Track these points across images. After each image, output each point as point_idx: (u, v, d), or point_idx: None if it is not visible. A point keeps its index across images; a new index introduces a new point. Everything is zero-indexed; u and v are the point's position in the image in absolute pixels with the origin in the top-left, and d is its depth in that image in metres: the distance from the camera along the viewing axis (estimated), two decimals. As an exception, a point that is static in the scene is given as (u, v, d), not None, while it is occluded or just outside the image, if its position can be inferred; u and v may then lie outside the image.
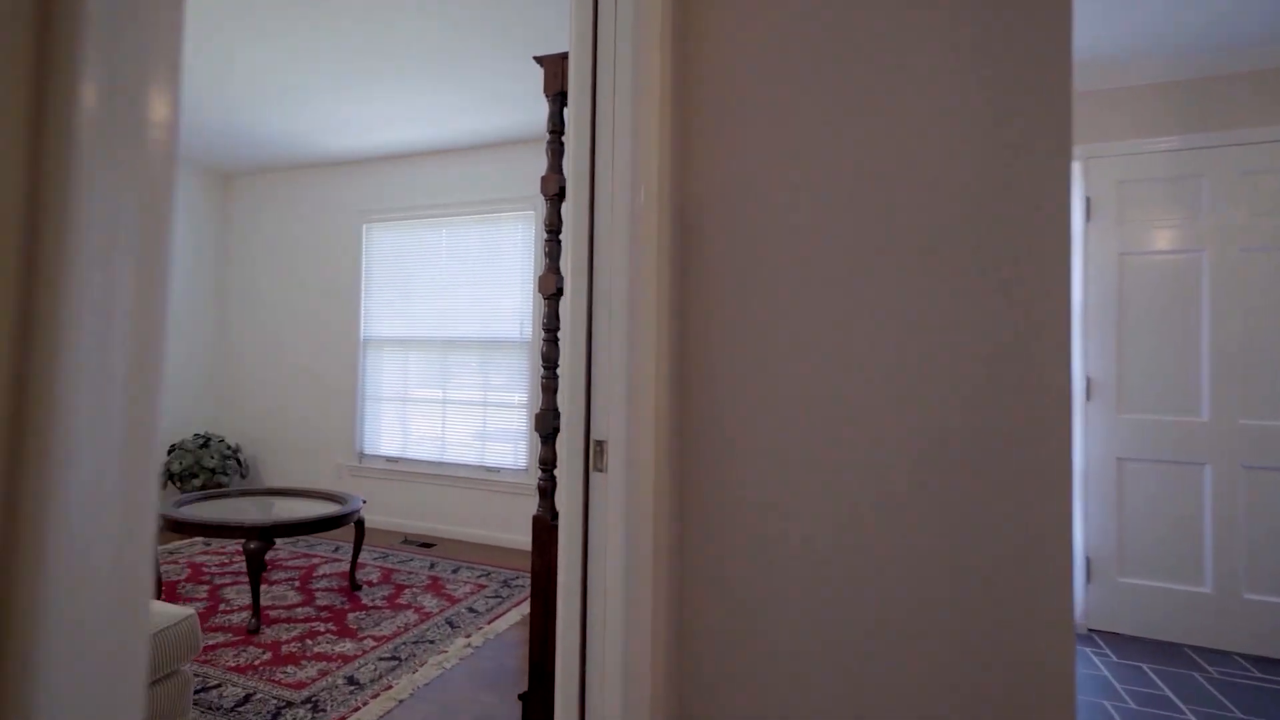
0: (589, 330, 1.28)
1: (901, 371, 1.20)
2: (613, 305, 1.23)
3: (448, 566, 3.61)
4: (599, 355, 1.24)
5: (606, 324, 1.24)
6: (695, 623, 1.34)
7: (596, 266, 1.27)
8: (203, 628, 2.70)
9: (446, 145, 4.16)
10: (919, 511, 1.18)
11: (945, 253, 1.18)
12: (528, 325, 4.05)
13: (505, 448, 4.12)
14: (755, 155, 1.33)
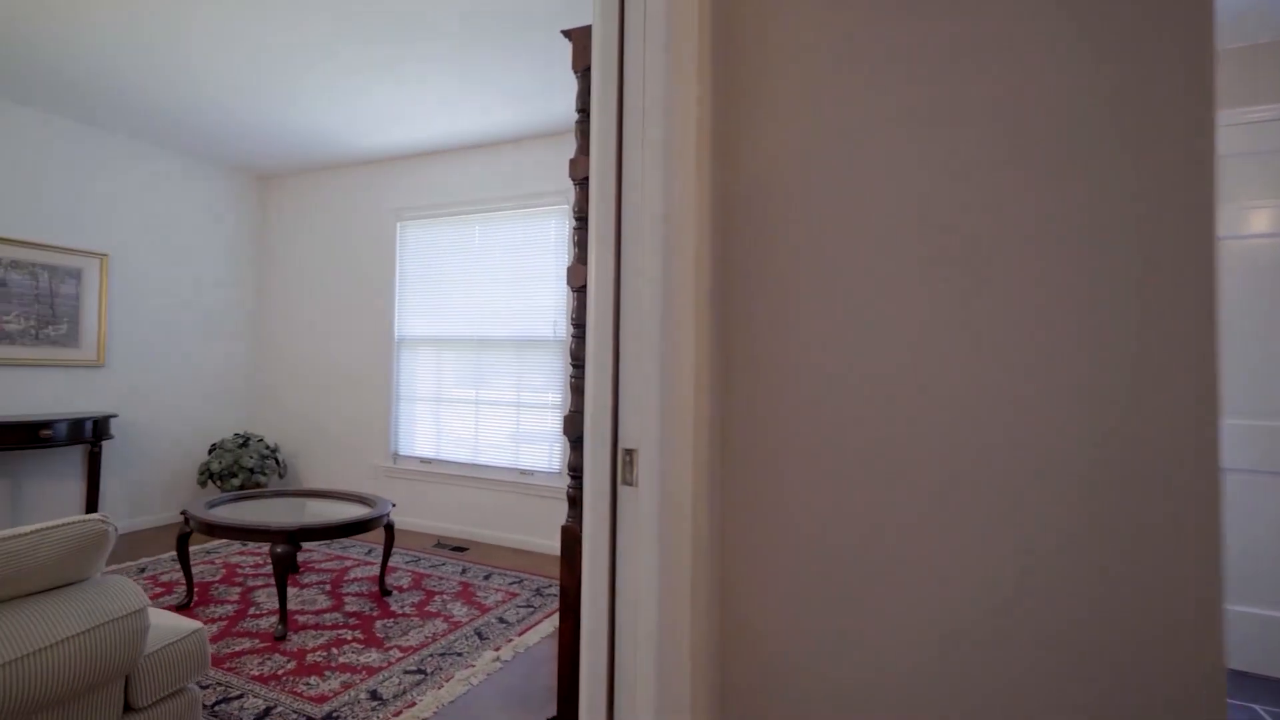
0: (616, 321, 1.11)
1: (1013, 375, 0.99)
2: (643, 293, 1.06)
3: (479, 572, 3.50)
4: (628, 350, 1.07)
5: (636, 314, 1.06)
6: (739, 677, 1.16)
7: (625, 248, 1.10)
8: (231, 632, 2.65)
9: (479, 140, 4.06)
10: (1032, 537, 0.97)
11: (1070, 242, 0.97)
12: (562, 323, 3.91)
13: (539, 450, 3.99)
14: (831, 119, 1.14)
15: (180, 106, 3.63)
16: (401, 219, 4.47)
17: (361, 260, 4.64)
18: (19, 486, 3.66)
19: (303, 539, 2.66)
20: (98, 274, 3.97)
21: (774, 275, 1.17)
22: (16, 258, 3.62)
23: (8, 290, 3.59)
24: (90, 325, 3.94)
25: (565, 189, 3.89)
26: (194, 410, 4.55)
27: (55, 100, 3.58)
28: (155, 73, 3.18)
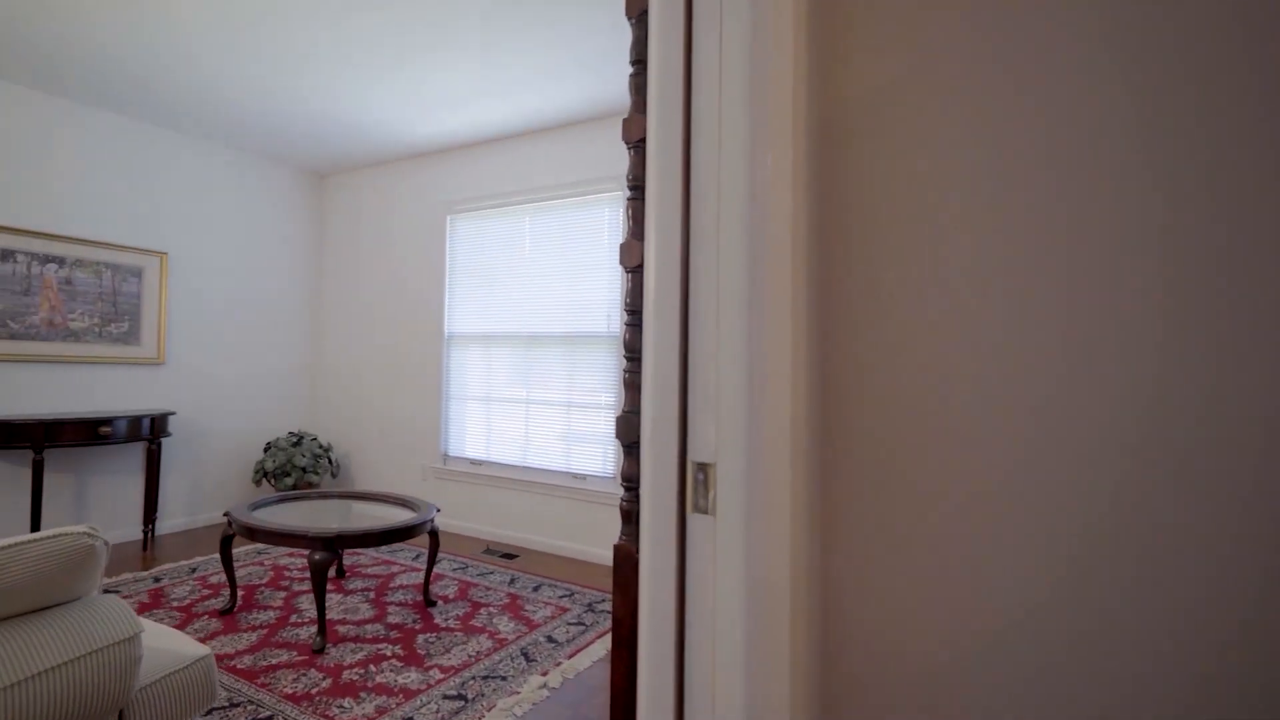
0: (684, 297, 0.84)
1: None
2: (721, 263, 0.77)
3: (528, 583, 3.29)
4: (699, 336, 0.79)
5: (713, 288, 0.78)
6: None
7: (696, 204, 0.82)
8: (270, 641, 2.51)
9: (529, 126, 3.87)
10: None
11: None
12: (616, 317, 3.66)
13: (592, 453, 3.76)
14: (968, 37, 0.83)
15: (237, 105, 3.60)
16: (452, 212, 4.34)
17: (412, 256, 4.54)
18: (84, 483, 3.70)
19: (341, 546, 2.50)
20: (158, 272, 4.00)
21: (884, 242, 0.86)
22: (81, 256, 3.67)
23: (73, 289, 3.64)
24: (150, 323, 3.97)
25: (618, 174, 3.64)
26: (250, 408, 4.55)
27: (118, 100, 3.61)
28: (214, 72, 3.13)
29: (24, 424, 3.20)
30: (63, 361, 3.60)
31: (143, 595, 2.96)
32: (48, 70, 3.24)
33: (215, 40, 2.91)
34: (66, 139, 3.61)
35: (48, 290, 3.55)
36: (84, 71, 3.24)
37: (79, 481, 3.68)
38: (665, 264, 0.81)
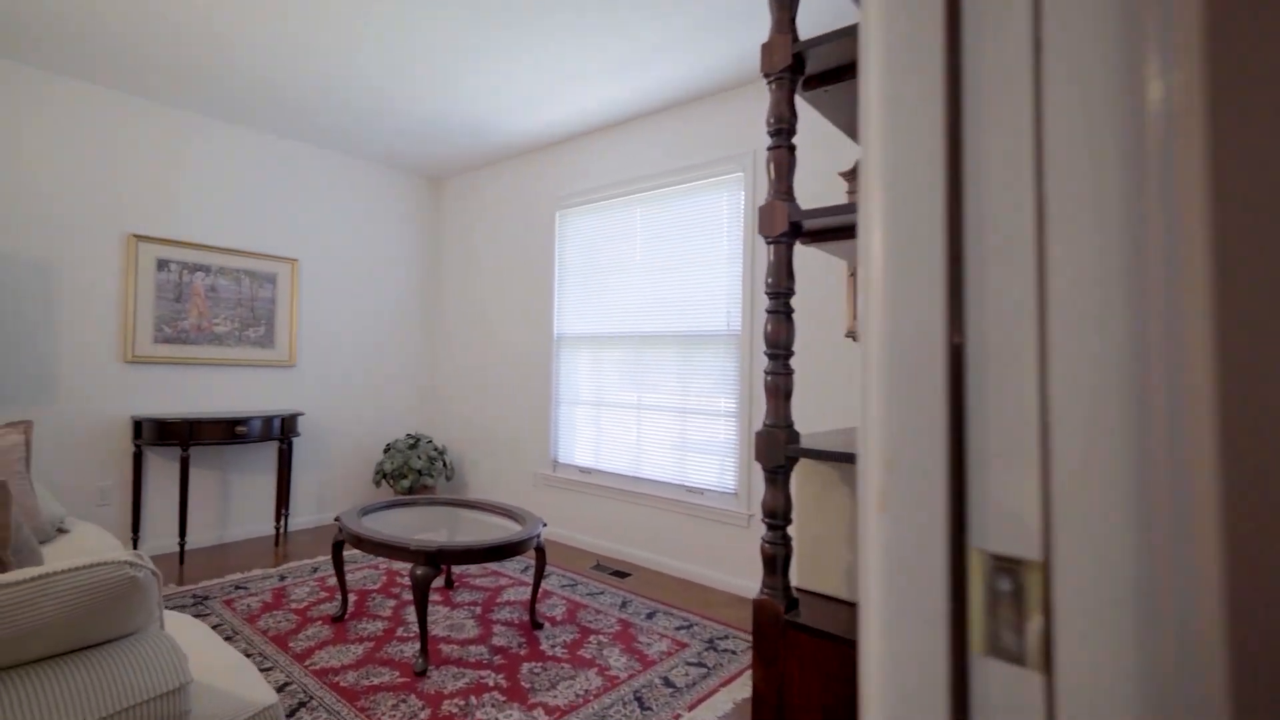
0: (952, 215, 0.44)
1: None
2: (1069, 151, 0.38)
3: (641, 608, 2.97)
4: (998, 303, 0.40)
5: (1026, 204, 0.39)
6: None
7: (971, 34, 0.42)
8: (374, 658, 2.39)
9: (637, 109, 3.58)
10: None
11: None
12: (736, 313, 3.27)
13: (709, 464, 3.39)
14: None
15: (360, 113, 3.63)
16: (561, 207, 4.16)
17: (522, 255, 4.42)
18: (226, 479, 3.90)
19: (443, 561, 2.32)
20: (290, 278, 4.16)
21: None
22: (224, 264, 3.87)
23: (217, 295, 3.85)
24: (283, 327, 4.13)
25: (738, 154, 3.25)
26: (371, 410, 4.65)
27: (256, 116, 3.77)
28: (338, 82, 3.15)
29: (173, 422, 3.38)
30: (208, 364, 3.81)
31: (266, 594, 2.99)
32: (194, 90, 3.41)
33: (338, 50, 2.89)
34: (210, 154, 3.82)
35: (196, 297, 3.77)
36: (225, 90, 3.38)
37: (221, 478, 3.88)
38: (916, 168, 0.43)
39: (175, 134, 3.67)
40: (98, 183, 3.41)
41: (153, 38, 2.89)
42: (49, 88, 3.25)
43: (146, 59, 3.08)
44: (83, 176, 3.36)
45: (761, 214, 1.31)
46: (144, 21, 2.75)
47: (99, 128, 3.41)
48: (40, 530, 2.10)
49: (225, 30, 2.82)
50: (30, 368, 3.21)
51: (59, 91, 3.28)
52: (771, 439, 1.28)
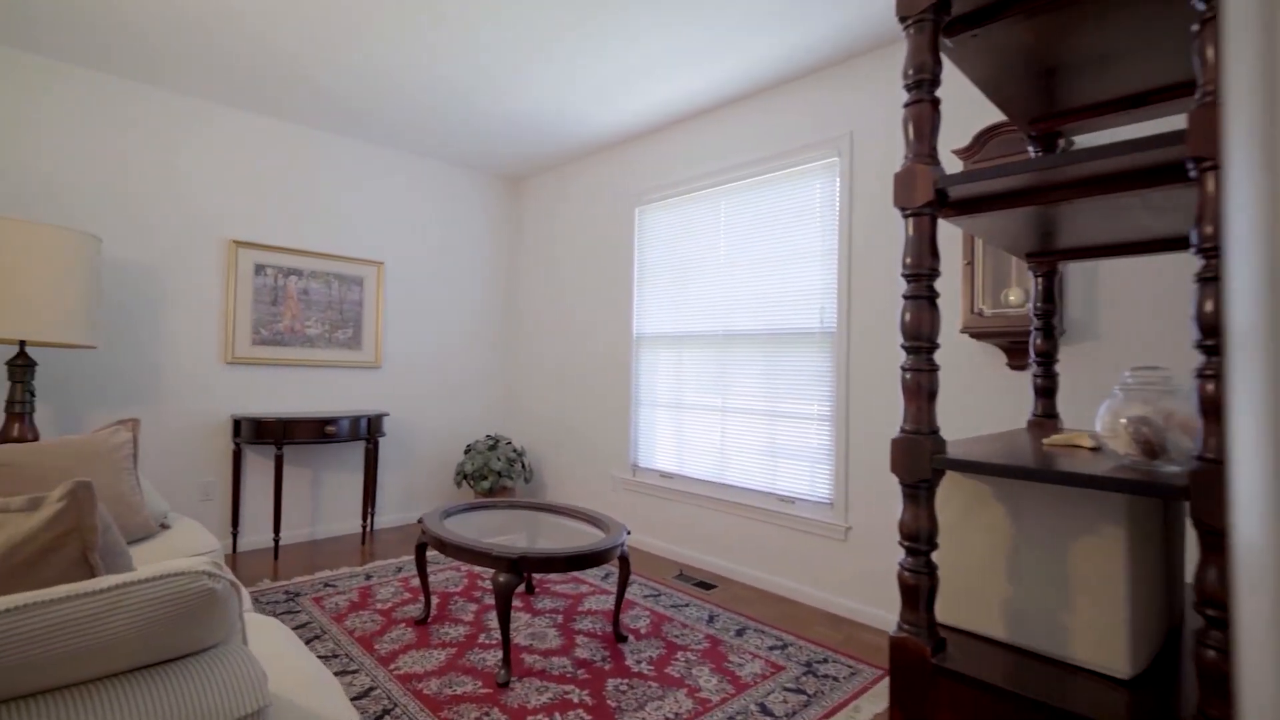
0: None
1: None
2: None
3: (730, 623, 2.78)
4: None
5: None
6: None
7: None
8: (456, 665, 2.32)
9: (719, 98, 3.40)
10: None
11: None
12: (832, 309, 3.02)
13: (800, 471, 3.15)
14: None
15: (441, 116, 3.65)
16: (640, 203, 4.03)
17: (600, 253, 4.33)
18: (318, 477, 4.01)
19: (525, 569, 2.22)
20: (375, 281, 4.24)
21: None
22: (316, 269, 3.98)
23: (309, 298, 3.97)
24: (370, 329, 4.22)
25: (833, 138, 3.00)
26: (452, 410, 4.69)
27: (343, 124, 3.87)
28: (419, 85, 3.15)
29: (269, 422, 3.48)
30: (300, 365, 3.94)
31: (353, 594, 3.01)
32: (286, 101, 3.52)
33: (418, 58, 2.88)
34: (301, 160, 3.95)
35: (289, 300, 3.89)
36: (315, 99, 3.47)
37: (313, 476, 3.99)
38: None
39: (270, 142, 3.82)
40: (201, 191, 3.57)
41: (251, 55, 2.98)
42: (159, 103, 3.43)
43: (245, 74, 3.19)
44: (187, 185, 3.53)
45: (899, 181, 1.10)
46: (243, 40, 2.83)
47: (201, 138, 3.58)
48: (144, 526, 2.15)
49: (314, 47, 2.86)
50: (139, 368, 3.39)
51: (167, 106, 3.46)
52: (914, 447, 1.07)
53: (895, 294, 2.80)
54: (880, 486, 2.82)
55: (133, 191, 3.35)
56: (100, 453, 2.14)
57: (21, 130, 3.05)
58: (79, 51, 3.04)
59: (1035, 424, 1.63)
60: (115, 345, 3.31)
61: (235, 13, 2.68)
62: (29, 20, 2.77)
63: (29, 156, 3.07)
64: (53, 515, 0.98)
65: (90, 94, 3.22)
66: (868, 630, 2.77)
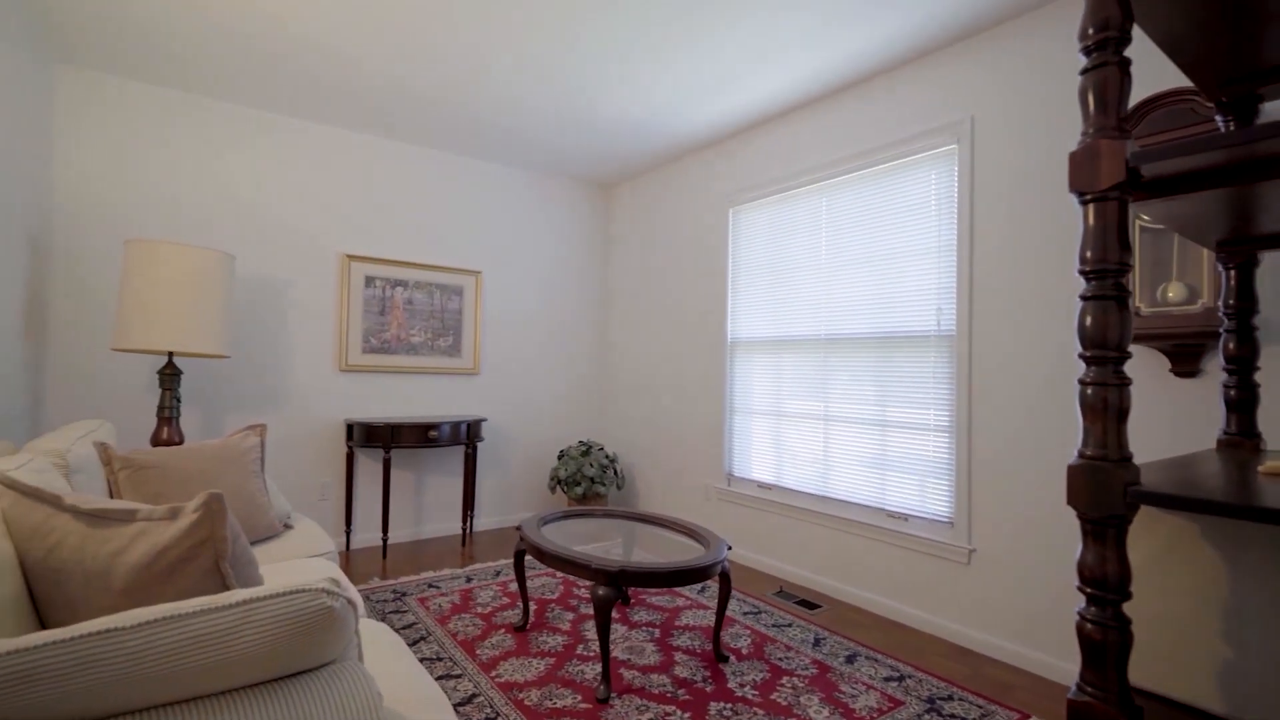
0: None
1: None
2: None
3: (839, 648, 2.59)
4: None
5: None
6: None
7: None
8: (555, 676, 2.29)
9: (819, 90, 3.21)
10: None
11: None
12: (950, 310, 2.77)
13: (912, 485, 2.91)
14: None
15: (532, 128, 3.70)
16: (734, 203, 3.90)
17: (693, 257, 4.24)
18: (421, 480, 4.17)
19: (625, 583, 2.16)
20: (473, 290, 4.37)
21: None
22: (419, 279, 4.16)
23: (413, 308, 4.14)
24: (468, 337, 4.35)
25: (950, 123, 2.75)
26: (546, 416, 4.75)
27: (437, 137, 4.01)
28: (507, 101, 3.21)
29: (378, 426, 3.65)
30: (405, 372, 4.11)
31: (455, 595, 3.08)
32: (390, 119, 3.69)
33: (512, 72, 2.92)
34: (404, 175, 4.13)
35: (395, 310, 4.08)
36: (414, 117, 3.62)
37: (416, 479, 4.16)
38: None
39: (378, 159, 4.02)
40: (318, 209, 3.81)
41: (364, 84, 3.13)
42: (283, 129, 3.70)
43: (358, 99, 3.37)
44: (307, 204, 3.77)
45: (1077, 161, 0.93)
46: (361, 73, 2.98)
47: (319, 159, 3.82)
48: (270, 526, 2.28)
49: (425, 74, 2.96)
50: (265, 375, 3.65)
51: (290, 131, 3.72)
52: (1100, 477, 0.90)
53: (1025, 293, 2.52)
54: (1010, 507, 2.54)
55: (261, 212, 3.62)
56: (232, 456, 2.29)
57: (163, 159, 3.36)
58: (211, 84, 3.32)
59: (1229, 444, 1.37)
60: (245, 355, 3.59)
61: (353, 50, 2.82)
62: (169, 58, 3.05)
63: (171, 183, 3.38)
64: (189, 525, 1.01)
65: (222, 123, 3.51)
66: (997, 665, 2.50)
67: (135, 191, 3.28)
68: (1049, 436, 2.43)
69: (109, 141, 3.21)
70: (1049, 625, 2.41)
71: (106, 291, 3.21)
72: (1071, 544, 2.36)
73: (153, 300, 2.68)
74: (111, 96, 3.22)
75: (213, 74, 3.19)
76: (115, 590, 0.97)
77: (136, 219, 3.28)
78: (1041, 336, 2.47)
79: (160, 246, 2.71)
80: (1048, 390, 2.44)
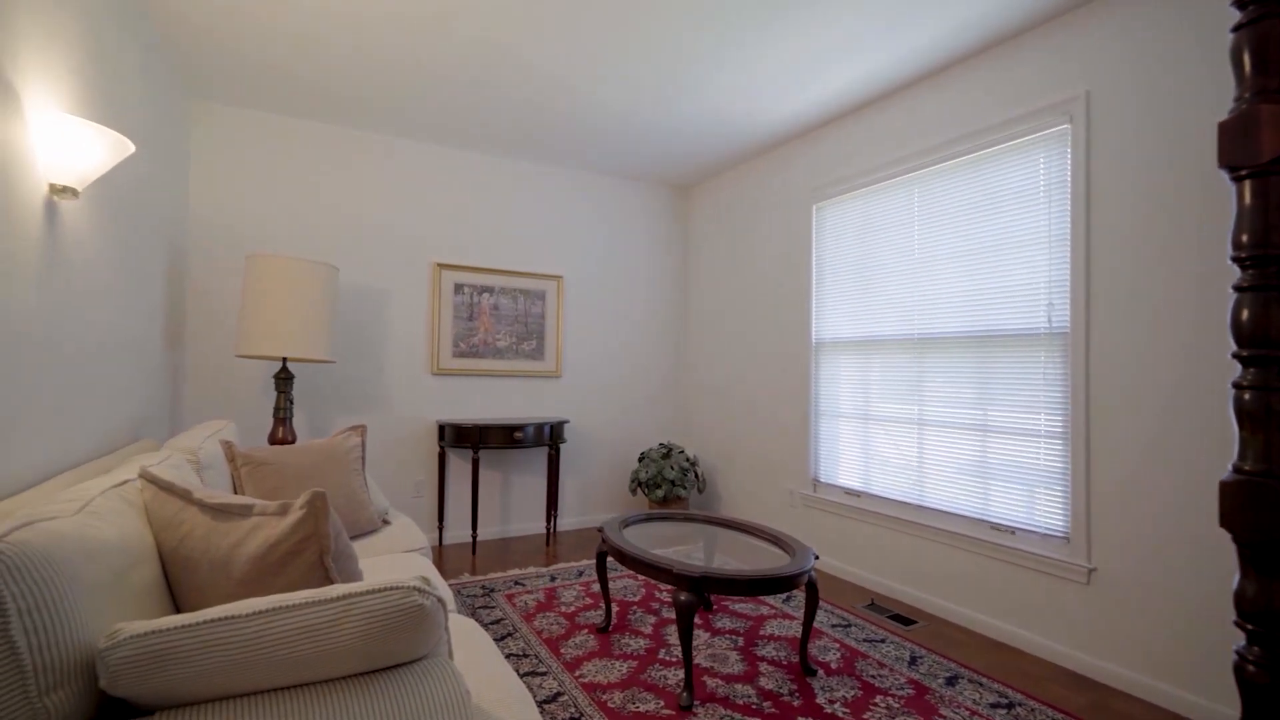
0: None
1: None
2: None
3: (938, 668, 2.43)
4: None
5: None
6: None
7: None
8: (637, 680, 2.29)
9: (909, 75, 3.03)
10: None
11: None
12: (1063, 305, 2.54)
13: (1019, 497, 2.68)
14: None
15: (609, 134, 3.74)
16: (818, 199, 3.77)
17: (774, 256, 4.13)
18: (508, 479, 4.31)
19: (708, 589, 2.12)
20: (555, 295, 4.47)
21: None
22: (504, 285, 4.30)
23: (499, 313, 4.29)
24: (551, 340, 4.45)
25: (1062, 101, 2.52)
26: (627, 418, 4.78)
27: (519, 148, 4.13)
28: (584, 109, 3.26)
29: (467, 427, 3.80)
30: (491, 375, 4.26)
31: (539, 594, 3.14)
32: (475, 134, 3.84)
33: (588, 82, 2.95)
34: (489, 185, 4.28)
35: (483, 315, 4.24)
36: (498, 130, 3.74)
37: (503, 478, 4.30)
38: None
39: (464, 171, 4.19)
40: (412, 220, 4.03)
41: (450, 101, 3.28)
42: (380, 146, 3.93)
43: (445, 116, 3.53)
44: (401, 216, 4.00)
45: (1228, 131, 0.81)
46: (437, 91, 3.12)
47: (412, 173, 4.03)
48: (370, 521, 2.42)
49: (500, 89, 3.07)
50: (365, 379, 3.89)
51: (386, 148, 3.95)
52: (1262, 496, 0.78)
53: (1153, 284, 2.26)
54: (1139, 523, 2.29)
55: (360, 225, 3.87)
56: (337, 455, 2.44)
57: (272, 179, 3.66)
58: (319, 111, 3.58)
59: None
60: (348, 359, 3.84)
61: (445, 73, 2.95)
62: (286, 91, 3.31)
63: (280, 201, 3.67)
64: (296, 521, 1.07)
65: (328, 144, 3.78)
66: (1123, 698, 2.25)
67: (253, 210, 3.59)
68: (1188, 444, 2.17)
69: (231, 165, 3.54)
70: (1188, 657, 2.14)
71: (230, 303, 3.53)
72: (1216, 567, 2.09)
73: (269, 309, 2.92)
74: (234, 125, 3.54)
75: (321, 102, 3.44)
76: (235, 579, 1.05)
77: (255, 235, 3.59)
78: (1172, 332, 2.21)
79: (275, 260, 2.94)
80: (1181, 392, 2.18)
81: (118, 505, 1.10)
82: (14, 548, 0.77)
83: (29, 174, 1.48)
